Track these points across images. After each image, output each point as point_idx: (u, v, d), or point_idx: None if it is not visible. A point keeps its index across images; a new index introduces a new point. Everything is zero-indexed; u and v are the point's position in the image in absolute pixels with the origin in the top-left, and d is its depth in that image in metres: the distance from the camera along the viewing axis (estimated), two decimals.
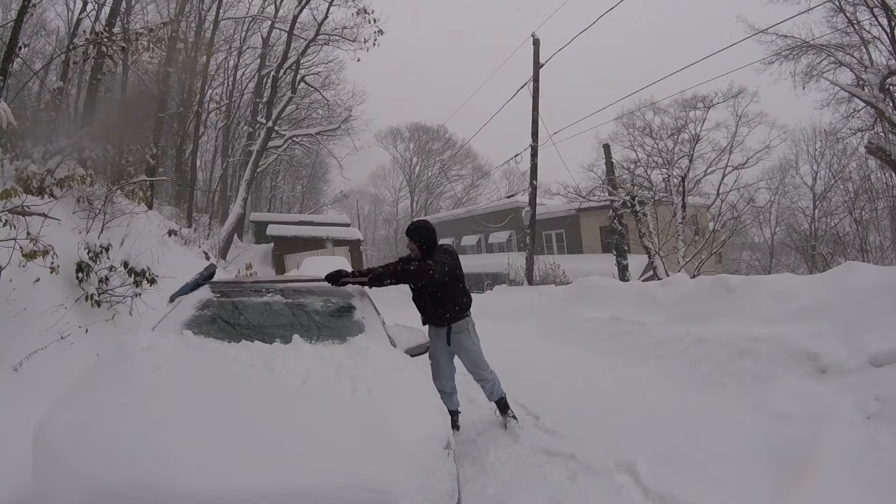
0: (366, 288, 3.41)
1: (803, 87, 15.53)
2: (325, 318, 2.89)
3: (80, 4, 11.35)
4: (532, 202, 12.93)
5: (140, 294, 5.14)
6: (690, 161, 17.52)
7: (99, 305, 4.72)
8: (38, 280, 4.10)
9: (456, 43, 70.73)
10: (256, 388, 2.07)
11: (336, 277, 3.29)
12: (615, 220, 13.08)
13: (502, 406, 3.82)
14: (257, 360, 2.32)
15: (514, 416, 3.77)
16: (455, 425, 3.67)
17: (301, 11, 16.56)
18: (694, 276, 7.80)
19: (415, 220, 3.69)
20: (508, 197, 27.09)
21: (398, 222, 49.45)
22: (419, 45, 64.76)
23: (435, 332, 3.67)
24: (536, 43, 12.24)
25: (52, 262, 3.99)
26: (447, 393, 3.63)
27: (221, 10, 16.31)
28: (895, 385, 2.99)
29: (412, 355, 2.89)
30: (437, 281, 3.36)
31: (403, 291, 3.86)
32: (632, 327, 5.57)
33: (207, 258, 10.26)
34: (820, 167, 22.24)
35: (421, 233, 3.56)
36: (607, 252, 17.45)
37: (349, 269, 3.66)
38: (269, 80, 18.03)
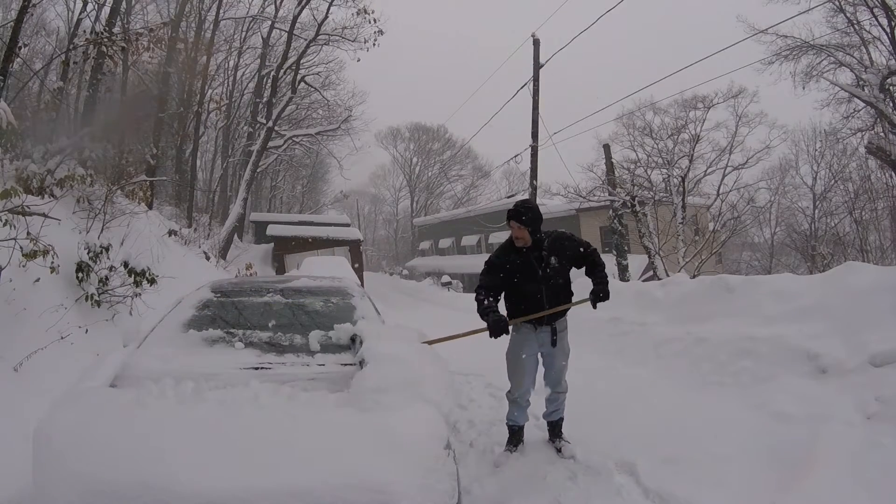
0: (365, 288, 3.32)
1: (803, 88, 15.56)
2: (325, 318, 2.89)
3: (80, 4, 11.36)
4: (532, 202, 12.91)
5: (140, 294, 5.14)
6: (690, 161, 17.49)
7: (99, 305, 4.72)
8: (38, 280, 4.10)
9: (456, 43, 70.80)
10: (256, 388, 2.07)
11: (503, 328, 2.83)
12: (615, 220, 13.09)
13: (558, 428, 3.33)
14: (256, 360, 2.33)
15: (567, 441, 3.28)
16: (520, 440, 3.28)
17: (301, 11, 16.59)
18: (694, 277, 7.80)
19: (521, 200, 3.14)
20: (508, 197, 27.13)
21: (398, 222, 49.48)
22: (419, 45, 64.80)
23: (532, 335, 3.10)
24: (536, 43, 12.24)
25: (52, 262, 3.99)
26: (522, 406, 3.22)
27: (221, 11, 16.31)
28: (895, 385, 2.99)
29: None
30: None
31: (405, 292, 3.80)
32: (632, 327, 5.56)
33: (207, 258, 10.27)
34: (820, 167, 22.26)
35: (536, 219, 3.01)
36: (607, 252, 17.44)
37: (350, 270, 3.54)
38: (269, 81, 18.04)
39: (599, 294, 3.14)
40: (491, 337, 2.85)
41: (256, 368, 2.27)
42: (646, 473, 2.82)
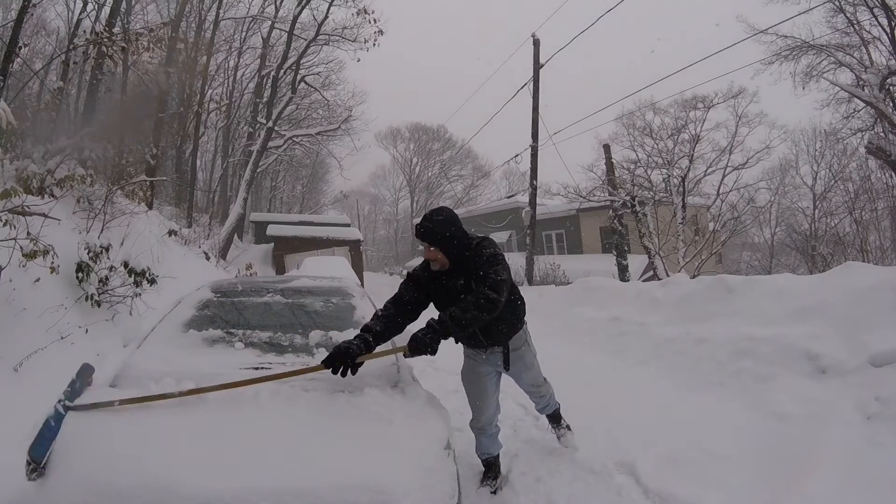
0: (365, 288, 3.25)
1: (803, 88, 15.57)
2: (325, 318, 2.89)
3: (80, 4, 11.37)
4: (532, 202, 12.93)
5: (140, 294, 5.14)
6: (690, 161, 17.52)
7: (99, 305, 4.72)
8: (38, 280, 4.10)
9: (457, 43, 70.82)
10: (256, 388, 2.07)
11: (343, 359, 2.07)
12: (615, 221, 13.10)
13: (556, 417, 3.18)
14: (256, 360, 2.33)
15: (568, 427, 3.18)
16: (497, 473, 2.90)
17: (301, 11, 16.60)
18: (694, 277, 7.81)
19: (428, 212, 2.44)
20: (508, 197, 27.13)
21: (398, 222, 49.51)
22: (420, 45, 64.82)
23: (483, 358, 2.70)
24: (536, 43, 12.25)
25: (52, 262, 3.99)
26: (491, 434, 2.85)
27: (221, 11, 16.32)
28: (895, 385, 2.99)
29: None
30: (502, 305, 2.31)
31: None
32: (632, 327, 5.56)
33: (207, 258, 10.26)
34: (820, 167, 22.25)
35: (445, 234, 2.33)
36: (607, 252, 17.45)
37: (350, 270, 3.45)
38: (269, 81, 18.04)
39: (416, 341, 2.15)
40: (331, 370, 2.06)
41: (256, 369, 2.27)
42: (646, 473, 2.82)
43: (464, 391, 2.89)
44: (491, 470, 2.89)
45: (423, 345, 2.14)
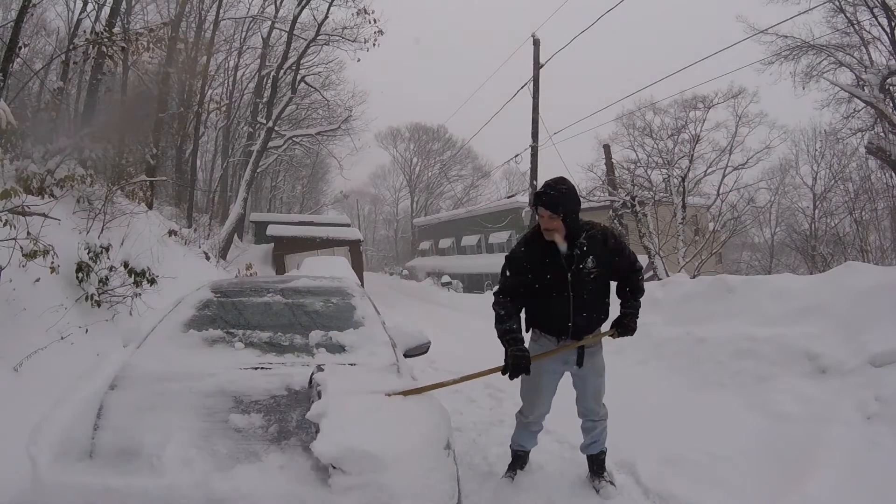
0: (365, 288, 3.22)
1: (803, 88, 15.55)
2: (325, 318, 2.89)
3: (80, 4, 11.38)
4: (532, 202, 12.92)
5: (140, 294, 5.14)
6: (690, 161, 17.53)
7: (99, 305, 4.72)
8: (38, 280, 4.10)
9: (457, 43, 70.85)
10: None
11: (525, 366, 2.29)
12: (615, 221, 13.09)
13: (599, 463, 2.78)
14: (256, 360, 2.33)
15: (612, 483, 2.71)
16: (523, 465, 2.88)
17: (301, 11, 16.60)
18: (694, 277, 7.80)
19: (551, 181, 2.40)
20: (508, 197, 27.10)
21: (398, 222, 49.51)
22: (420, 45, 64.84)
23: (555, 348, 2.58)
24: (536, 43, 12.25)
25: (52, 262, 3.99)
26: (533, 431, 2.81)
27: (221, 11, 16.28)
28: (895, 385, 2.99)
29: (411, 356, 2.89)
30: None
31: (405, 292, 3.72)
32: None
33: (207, 258, 10.26)
34: (820, 167, 22.23)
35: (571, 202, 2.33)
36: None
37: (350, 270, 3.42)
38: (269, 81, 18.04)
39: (626, 326, 2.54)
40: (506, 376, 2.30)
41: (256, 369, 2.27)
42: (646, 473, 2.82)
43: (465, 392, 2.89)
44: (518, 462, 2.88)
45: (629, 329, 2.55)
